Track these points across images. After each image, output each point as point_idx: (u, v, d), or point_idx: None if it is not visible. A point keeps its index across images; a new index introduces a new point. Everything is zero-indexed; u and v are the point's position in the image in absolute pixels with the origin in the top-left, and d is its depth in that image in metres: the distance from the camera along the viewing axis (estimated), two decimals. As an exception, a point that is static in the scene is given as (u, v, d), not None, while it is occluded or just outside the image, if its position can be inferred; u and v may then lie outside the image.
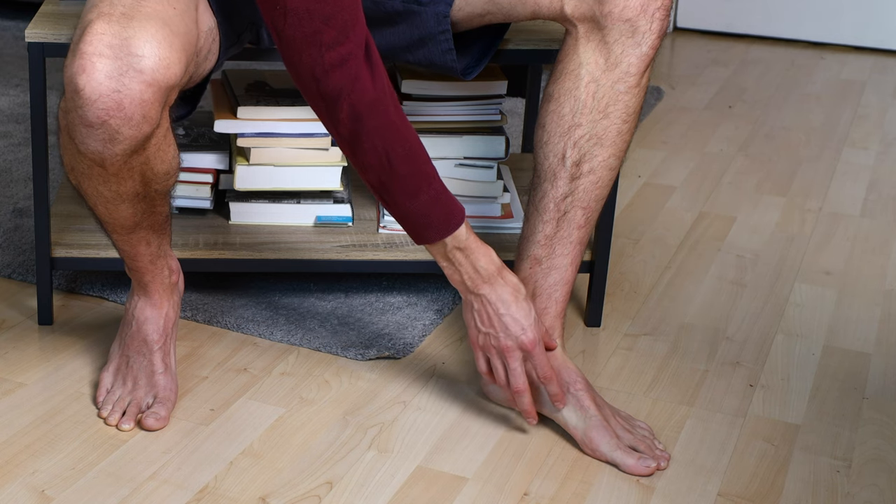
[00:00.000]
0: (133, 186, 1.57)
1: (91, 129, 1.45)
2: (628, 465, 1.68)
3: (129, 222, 1.64)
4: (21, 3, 3.73)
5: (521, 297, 1.66)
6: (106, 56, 1.43)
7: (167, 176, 1.60)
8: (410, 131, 1.59)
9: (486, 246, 1.66)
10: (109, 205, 1.60)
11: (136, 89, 1.43)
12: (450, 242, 1.63)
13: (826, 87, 3.52)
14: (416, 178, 1.59)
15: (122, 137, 1.46)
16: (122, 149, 1.48)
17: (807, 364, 1.99)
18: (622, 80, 1.70)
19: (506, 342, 1.66)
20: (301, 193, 2.10)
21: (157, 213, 1.66)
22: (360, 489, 1.62)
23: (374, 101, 1.54)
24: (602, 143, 1.72)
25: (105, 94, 1.43)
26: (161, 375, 1.75)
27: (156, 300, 1.76)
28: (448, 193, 1.62)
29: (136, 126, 1.45)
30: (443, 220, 1.62)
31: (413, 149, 1.59)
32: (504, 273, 1.66)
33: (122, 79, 1.43)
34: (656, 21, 1.68)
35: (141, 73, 1.43)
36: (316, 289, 2.13)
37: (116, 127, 1.45)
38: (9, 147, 2.66)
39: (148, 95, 1.44)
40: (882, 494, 1.67)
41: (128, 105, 1.43)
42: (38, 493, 1.57)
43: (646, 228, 2.48)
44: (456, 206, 1.63)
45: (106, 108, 1.43)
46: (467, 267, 1.65)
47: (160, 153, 1.55)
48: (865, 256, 2.42)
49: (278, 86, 2.11)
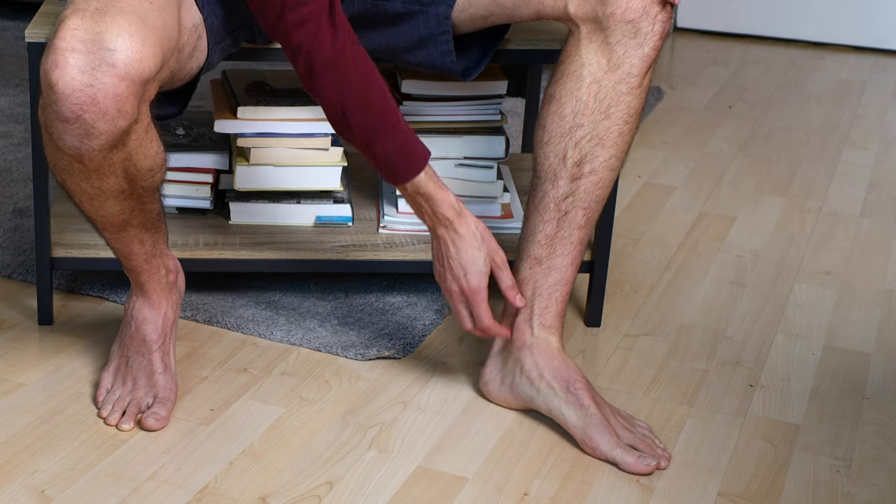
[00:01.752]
0: (117, 183, 1.56)
1: (66, 125, 1.45)
2: (628, 464, 1.68)
3: (117, 220, 1.63)
4: (21, 3, 3.73)
5: (472, 245, 1.71)
6: (78, 51, 1.43)
7: (152, 172, 1.60)
8: (370, 85, 1.63)
9: (445, 191, 1.69)
10: (94, 201, 1.60)
11: (109, 83, 1.43)
12: (410, 188, 1.68)
13: (826, 87, 3.52)
14: (370, 129, 1.63)
15: (98, 132, 1.46)
16: (98, 144, 1.47)
17: (807, 364, 1.99)
18: (624, 80, 1.70)
19: (451, 285, 1.73)
20: (301, 193, 2.10)
21: (147, 210, 1.65)
22: (360, 489, 1.62)
23: (332, 60, 1.60)
24: (603, 144, 1.72)
25: (78, 88, 1.43)
26: (160, 375, 1.75)
27: (153, 300, 1.76)
28: (409, 141, 1.66)
29: (111, 120, 1.45)
30: (402, 166, 1.66)
31: (370, 101, 1.63)
32: (462, 220, 1.70)
33: (94, 73, 1.43)
34: (658, 22, 1.68)
35: (113, 67, 1.43)
36: (316, 289, 2.13)
37: (91, 122, 1.45)
38: (9, 147, 2.66)
39: (121, 89, 1.44)
40: (882, 494, 1.67)
41: (101, 99, 1.44)
42: (38, 493, 1.57)
43: (646, 228, 2.48)
44: (415, 153, 1.66)
45: (80, 102, 1.43)
46: (428, 210, 1.70)
47: (142, 149, 1.55)
48: (865, 256, 2.42)
49: (278, 86, 2.11)
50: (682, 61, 3.75)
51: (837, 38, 3.93)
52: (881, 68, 3.74)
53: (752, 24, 4.00)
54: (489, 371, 1.83)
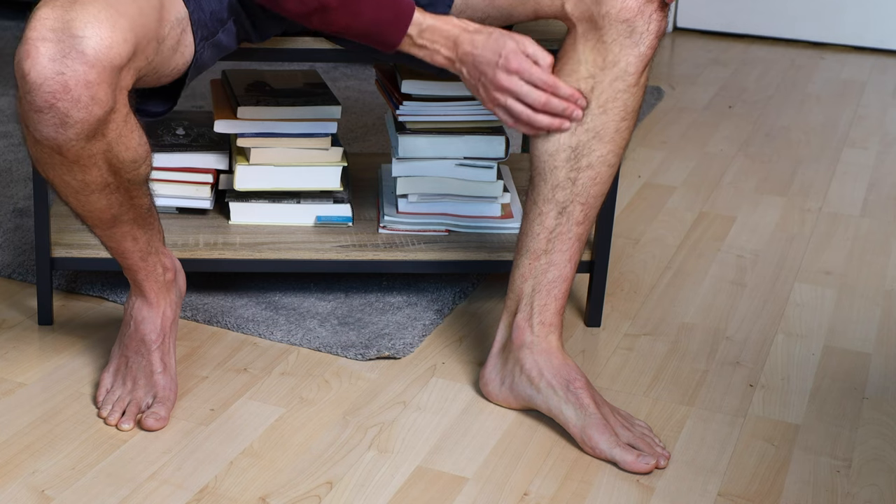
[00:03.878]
0: (100, 175, 1.56)
1: (41, 115, 1.45)
2: (627, 463, 1.68)
3: (105, 215, 1.63)
4: (21, 4, 3.73)
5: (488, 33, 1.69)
6: (49, 40, 1.43)
7: (135, 164, 1.59)
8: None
9: (442, 17, 1.70)
10: (80, 196, 1.59)
11: (80, 70, 1.43)
12: (413, 32, 1.68)
13: (826, 87, 3.52)
14: (350, 4, 1.65)
15: (73, 121, 1.46)
16: (75, 133, 1.47)
17: (807, 364, 1.99)
18: (620, 78, 1.70)
19: (495, 75, 1.69)
20: (301, 193, 2.10)
21: (137, 205, 1.65)
22: (360, 489, 1.62)
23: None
24: (601, 139, 1.72)
25: (49, 76, 1.43)
26: (160, 375, 1.75)
27: (152, 299, 1.76)
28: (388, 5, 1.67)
29: (84, 108, 1.45)
30: (395, 19, 1.67)
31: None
32: (466, 24, 1.71)
33: (65, 61, 1.43)
34: (654, 22, 1.68)
35: (83, 55, 1.44)
36: (316, 289, 2.13)
37: (65, 110, 1.45)
38: (9, 147, 2.66)
39: (92, 76, 1.44)
40: (882, 494, 1.67)
41: (73, 87, 1.44)
42: (38, 493, 1.57)
43: (646, 228, 2.48)
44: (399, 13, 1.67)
45: (52, 90, 1.43)
46: (441, 39, 1.69)
47: (123, 139, 1.55)
48: (865, 256, 2.42)
49: (278, 86, 2.11)
50: (682, 61, 3.75)
51: (837, 38, 3.93)
52: (881, 68, 3.74)
53: (752, 24, 4.00)
54: (489, 371, 1.83)
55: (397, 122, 2.05)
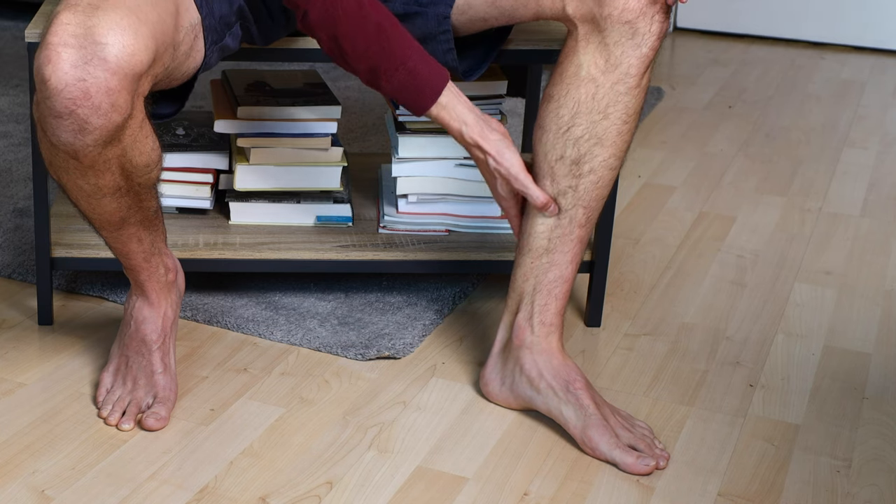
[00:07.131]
0: (113, 180, 1.56)
1: (60, 120, 1.45)
2: (627, 464, 1.68)
3: (114, 218, 1.63)
4: (21, 3, 3.73)
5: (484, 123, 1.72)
6: (71, 45, 1.43)
7: (148, 168, 1.59)
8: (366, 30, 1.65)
9: (466, 103, 1.70)
10: (91, 199, 1.59)
11: (102, 77, 1.43)
12: (433, 110, 1.69)
13: (826, 87, 3.52)
14: (373, 73, 1.67)
15: (92, 127, 1.46)
16: (93, 139, 1.47)
17: (807, 364, 1.99)
18: (622, 80, 1.70)
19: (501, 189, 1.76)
20: (301, 193, 2.10)
21: (145, 208, 1.65)
22: (360, 489, 1.62)
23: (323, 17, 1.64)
24: (602, 144, 1.72)
25: (71, 83, 1.43)
26: (160, 375, 1.75)
27: (153, 299, 1.76)
28: (419, 71, 1.67)
29: (104, 115, 1.45)
30: (416, 96, 1.67)
31: (368, 46, 1.65)
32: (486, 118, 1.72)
33: (86, 67, 1.43)
34: (656, 23, 1.68)
35: (105, 62, 1.43)
36: (316, 289, 2.13)
37: (85, 116, 1.45)
38: (9, 147, 2.66)
39: (114, 83, 1.44)
40: (882, 494, 1.67)
41: (94, 93, 1.43)
42: (38, 493, 1.57)
43: (646, 228, 2.48)
44: (428, 80, 1.67)
45: (73, 97, 1.43)
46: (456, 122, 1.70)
47: (137, 144, 1.55)
48: (865, 256, 2.42)
49: (278, 86, 2.11)
50: (682, 61, 3.75)
51: (837, 38, 3.92)
52: (881, 68, 3.74)
53: (752, 24, 4.00)
54: (489, 371, 1.83)
55: (397, 122, 2.05)
